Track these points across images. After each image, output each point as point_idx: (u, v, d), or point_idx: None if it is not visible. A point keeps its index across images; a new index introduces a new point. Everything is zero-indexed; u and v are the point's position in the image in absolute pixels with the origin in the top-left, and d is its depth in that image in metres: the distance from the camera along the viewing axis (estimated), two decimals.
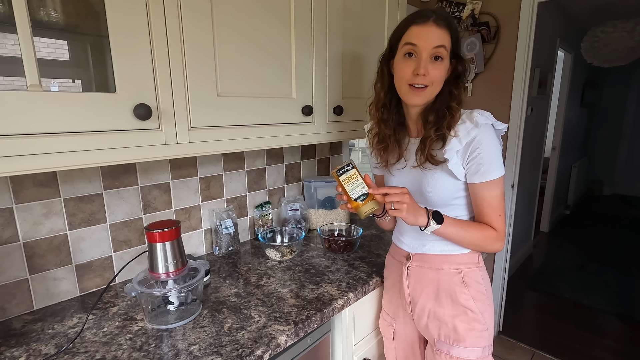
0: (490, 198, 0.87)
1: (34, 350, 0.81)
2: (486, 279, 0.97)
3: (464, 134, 0.85)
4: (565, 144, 4.26)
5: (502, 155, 0.87)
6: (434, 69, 0.85)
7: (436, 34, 0.83)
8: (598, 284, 3.06)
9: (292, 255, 1.29)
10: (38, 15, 0.73)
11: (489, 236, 0.89)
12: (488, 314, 0.94)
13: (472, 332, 0.92)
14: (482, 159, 0.84)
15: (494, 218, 0.88)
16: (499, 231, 0.89)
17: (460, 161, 0.87)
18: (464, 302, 0.92)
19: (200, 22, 0.87)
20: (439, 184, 0.91)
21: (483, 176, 0.85)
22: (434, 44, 0.83)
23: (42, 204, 0.96)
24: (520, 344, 2.32)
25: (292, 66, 1.11)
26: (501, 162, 0.86)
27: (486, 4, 2.14)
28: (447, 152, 0.86)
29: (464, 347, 0.92)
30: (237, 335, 0.85)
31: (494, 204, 0.88)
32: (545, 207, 4.24)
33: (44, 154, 0.67)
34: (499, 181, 0.86)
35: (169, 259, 0.90)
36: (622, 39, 2.93)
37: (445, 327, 0.94)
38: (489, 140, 0.84)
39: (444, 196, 0.91)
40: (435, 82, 0.86)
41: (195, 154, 0.92)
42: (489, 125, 0.86)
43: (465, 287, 0.93)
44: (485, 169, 0.85)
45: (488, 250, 0.92)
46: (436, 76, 0.85)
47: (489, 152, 0.84)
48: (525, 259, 3.56)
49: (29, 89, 0.65)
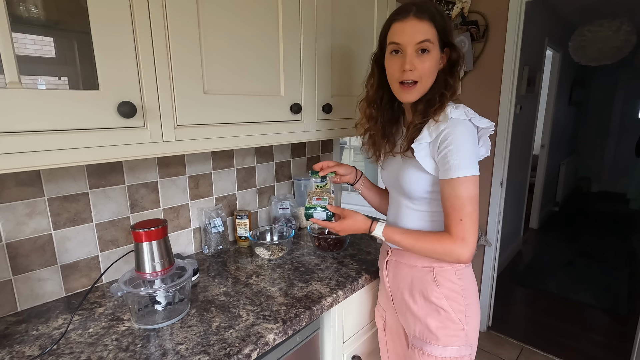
0: (453, 198, 0.81)
1: (17, 352, 0.80)
2: (465, 278, 0.92)
3: (434, 127, 0.84)
4: (553, 142, 4.32)
5: (474, 154, 0.82)
6: (421, 63, 0.83)
7: (418, 28, 0.82)
8: (586, 279, 3.11)
9: (281, 253, 1.29)
10: (17, 10, 0.71)
11: (443, 248, 0.83)
12: (465, 314, 0.90)
13: (445, 330, 0.90)
14: (447, 154, 0.80)
15: (453, 221, 0.82)
16: (456, 238, 0.82)
17: (431, 153, 0.85)
18: (435, 301, 0.91)
19: (185, 15, 0.85)
20: (412, 175, 0.90)
21: (446, 173, 0.81)
22: (418, 39, 0.82)
23: (26, 203, 0.94)
24: (509, 339, 2.35)
25: (280, 64, 1.10)
26: (470, 162, 0.80)
27: (475, 3, 2.15)
28: (415, 142, 0.85)
29: (437, 345, 0.91)
30: (225, 334, 0.85)
31: (456, 205, 0.81)
32: (534, 204, 4.30)
33: (25, 153, 0.66)
34: (464, 181, 0.80)
35: (156, 258, 0.89)
36: (608, 38, 2.97)
37: (420, 323, 0.94)
38: (458, 136, 0.80)
39: (417, 188, 0.91)
40: (425, 76, 0.85)
41: (182, 152, 0.91)
42: (463, 120, 0.83)
43: (436, 286, 0.91)
44: (450, 165, 0.80)
45: (449, 261, 0.87)
46: (424, 69, 0.84)
47: (455, 148, 0.80)
48: (515, 256, 3.61)
49: (8, 86, 0.64)
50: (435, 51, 0.84)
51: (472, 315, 0.92)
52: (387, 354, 1.15)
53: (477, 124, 0.85)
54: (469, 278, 0.94)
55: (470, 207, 0.81)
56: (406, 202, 0.96)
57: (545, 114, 4.08)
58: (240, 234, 1.40)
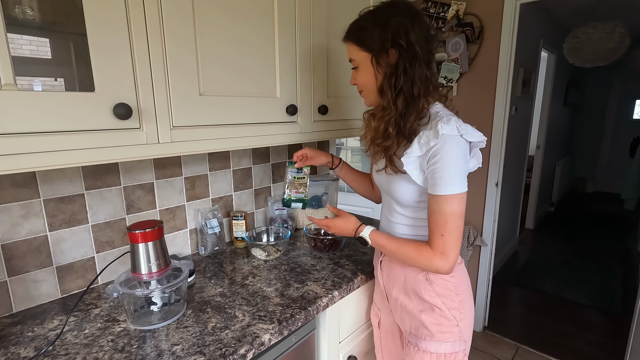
0: (437, 214, 0.82)
1: (12, 353, 0.80)
2: (458, 276, 0.94)
3: (425, 141, 0.82)
4: (549, 143, 4.35)
5: (462, 172, 0.81)
6: (356, 77, 0.95)
7: (347, 49, 0.94)
8: (581, 279, 3.14)
9: (278, 254, 1.29)
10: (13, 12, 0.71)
11: (422, 257, 0.86)
12: (459, 310, 0.92)
13: (440, 327, 0.92)
14: (435, 171, 0.81)
15: (435, 235, 0.83)
16: (435, 251, 0.83)
17: (421, 167, 0.85)
18: (428, 299, 0.92)
19: (180, 15, 0.86)
20: (402, 186, 0.92)
21: (433, 188, 0.82)
22: (349, 59, 0.95)
23: (21, 204, 0.94)
24: (505, 338, 2.36)
25: (275, 66, 1.11)
26: (457, 179, 0.80)
27: (470, 5, 2.17)
28: (405, 156, 0.85)
29: (432, 341, 0.93)
30: (220, 335, 0.85)
31: (439, 221, 0.82)
32: (530, 205, 4.33)
33: (21, 154, 0.66)
34: (449, 199, 0.80)
35: (152, 259, 0.89)
36: (602, 40, 3.00)
37: (415, 320, 0.96)
38: (447, 154, 0.79)
39: (407, 198, 0.92)
40: (363, 86, 0.94)
41: (178, 154, 0.92)
42: (454, 136, 0.80)
43: (429, 285, 0.92)
44: (436, 182, 0.81)
45: (427, 269, 0.89)
46: (360, 81, 0.94)
47: (444, 165, 0.80)
48: (511, 256, 3.63)
49: (4, 87, 0.64)
50: (365, 64, 0.90)
51: (465, 311, 0.94)
52: (382, 352, 1.17)
53: (468, 140, 0.83)
54: (461, 275, 0.96)
55: (453, 224, 0.81)
56: (396, 207, 0.98)
57: (541, 115, 4.11)
58: (236, 235, 1.40)
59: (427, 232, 0.89)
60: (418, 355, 0.94)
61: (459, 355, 0.93)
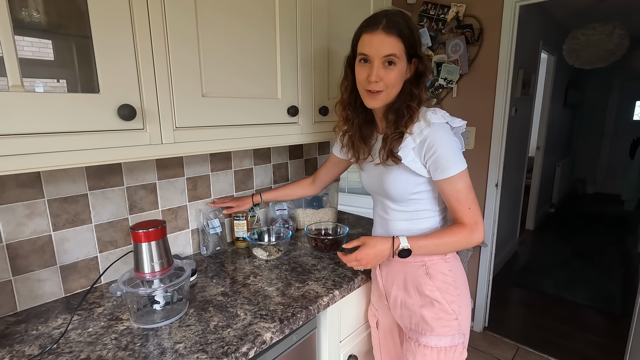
0: (456, 192, 0.89)
1: (17, 351, 0.80)
2: (455, 270, 0.97)
3: (417, 132, 0.89)
4: (549, 144, 4.36)
5: (460, 150, 0.90)
6: (387, 74, 0.88)
7: (385, 42, 0.85)
8: (581, 280, 3.14)
9: (279, 254, 1.30)
10: (20, 15, 0.72)
11: (462, 236, 0.90)
12: (458, 304, 0.95)
13: (440, 321, 0.94)
14: (439, 157, 0.87)
15: (463, 212, 0.90)
16: (469, 224, 0.90)
17: (418, 158, 0.90)
18: (429, 294, 0.95)
19: (184, 17, 0.87)
20: (397, 179, 0.94)
21: (443, 173, 0.88)
22: (384, 53, 0.86)
23: (26, 204, 0.96)
24: (505, 339, 2.37)
25: (277, 67, 1.12)
26: (459, 157, 0.88)
27: (470, 7, 2.18)
28: (402, 150, 0.90)
29: (432, 335, 0.95)
30: (222, 333, 0.86)
31: (461, 198, 0.89)
32: (530, 206, 4.34)
33: (26, 155, 0.67)
34: (460, 175, 0.88)
35: (155, 259, 0.91)
36: (601, 41, 3.01)
37: (415, 316, 0.98)
38: (442, 138, 0.87)
39: (402, 191, 0.95)
40: (390, 86, 0.89)
41: (181, 154, 0.93)
42: (443, 124, 0.89)
43: (430, 279, 0.95)
44: (444, 166, 0.87)
45: (469, 246, 0.94)
46: (390, 80, 0.88)
47: (444, 149, 0.86)
48: (511, 257, 3.63)
49: (11, 89, 0.65)
50: (402, 63, 0.88)
51: (463, 305, 0.97)
52: (380, 352, 1.18)
53: (453, 125, 0.91)
54: (458, 269, 0.99)
55: (471, 195, 0.90)
56: (390, 204, 1.00)
57: (541, 116, 4.12)
58: (237, 235, 1.41)
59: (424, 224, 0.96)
60: (419, 350, 0.95)
61: (458, 348, 0.95)
